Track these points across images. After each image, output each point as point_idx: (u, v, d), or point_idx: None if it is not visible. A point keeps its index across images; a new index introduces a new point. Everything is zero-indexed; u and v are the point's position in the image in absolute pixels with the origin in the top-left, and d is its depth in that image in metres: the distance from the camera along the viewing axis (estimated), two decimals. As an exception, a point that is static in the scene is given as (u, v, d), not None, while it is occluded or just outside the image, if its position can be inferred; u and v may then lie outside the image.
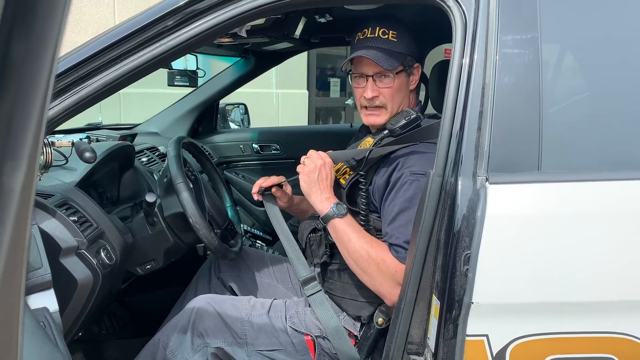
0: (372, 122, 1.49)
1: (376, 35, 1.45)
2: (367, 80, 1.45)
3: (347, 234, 1.34)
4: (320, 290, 1.45)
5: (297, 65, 6.55)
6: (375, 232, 1.40)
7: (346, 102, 7.52)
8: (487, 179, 1.03)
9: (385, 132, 1.43)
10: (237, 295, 1.70)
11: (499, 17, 1.12)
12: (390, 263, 1.29)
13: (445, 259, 1.07)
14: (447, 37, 1.20)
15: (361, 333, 1.45)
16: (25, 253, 0.25)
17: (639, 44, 1.18)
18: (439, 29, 1.37)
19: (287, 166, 2.89)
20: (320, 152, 1.43)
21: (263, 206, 2.82)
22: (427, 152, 1.35)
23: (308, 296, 1.45)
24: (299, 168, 1.44)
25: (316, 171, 1.39)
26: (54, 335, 0.90)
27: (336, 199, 1.39)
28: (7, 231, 0.24)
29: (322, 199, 1.38)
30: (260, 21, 1.69)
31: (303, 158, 1.45)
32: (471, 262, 1.01)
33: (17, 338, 0.26)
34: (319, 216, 1.39)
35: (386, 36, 1.44)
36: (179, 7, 1.22)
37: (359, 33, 1.48)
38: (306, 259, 1.65)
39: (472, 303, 1.01)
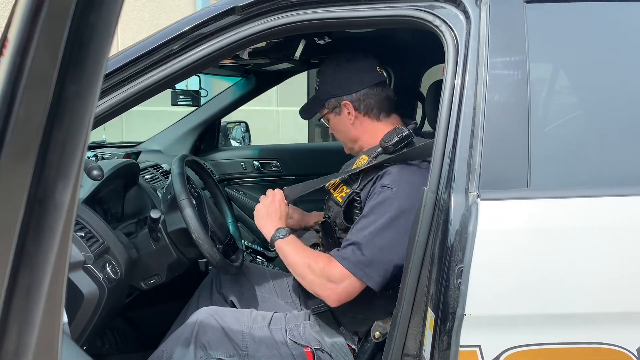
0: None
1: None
2: None
3: (287, 250, 1.47)
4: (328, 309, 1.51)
5: (298, 83, 6.63)
6: None
7: (345, 120, 7.54)
8: (478, 196, 1.07)
9: (379, 149, 1.48)
10: (238, 309, 1.73)
11: (489, 40, 1.17)
12: (320, 259, 1.40)
13: (440, 273, 1.11)
14: (440, 59, 1.26)
15: (359, 347, 1.48)
16: (68, 256, 0.30)
17: (623, 64, 1.23)
18: (436, 49, 1.42)
19: (287, 183, 2.93)
20: (275, 190, 1.61)
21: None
22: (405, 168, 1.42)
23: (314, 309, 1.51)
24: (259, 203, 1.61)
25: (263, 209, 1.57)
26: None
27: (281, 226, 1.53)
28: (57, 239, 0.28)
29: (267, 230, 1.52)
30: (262, 44, 1.75)
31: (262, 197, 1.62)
32: (464, 275, 1.05)
33: (59, 331, 0.31)
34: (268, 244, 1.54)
35: (315, 85, 1.66)
36: (184, 31, 1.28)
37: None
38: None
39: (465, 315, 1.05)
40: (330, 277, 1.37)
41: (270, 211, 1.56)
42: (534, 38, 1.17)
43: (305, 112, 1.67)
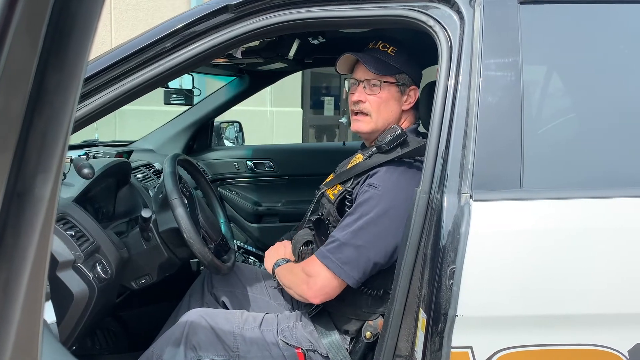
0: (356, 128, 1.55)
1: (376, 47, 1.54)
2: (358, 86, 1.53)
3: (281, 272, 1.55)
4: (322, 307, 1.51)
5: (292, 83, 6.62)
6: None
7: (340, 120, 7.59)
8: (471, 196, 1.07)
9: (374, 149, 1.48)
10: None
11: (483, 41, 1.17)
12: (299, 263, 1.45)
13: (432, 274, 1.10)
14: (435, 59, 1.25)
15: (351, 346, 1.48)
16: (49, 252, 0.29)
17: (617, 66, 1.24)
18: (430, 51, 1.42)
19: (280, 183, 2.93)
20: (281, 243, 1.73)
21: (256, 223, 2.87)
22: (395, 168, 1.41)
23: (310, 312, 1.52)
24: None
25: (272, 250, 1.70)
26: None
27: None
28: (36, 233, 0.28)
29: (270, 264, 1.62)
30: (255, 43, 1.74)
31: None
32: (456, 276, 1.05)
33: (39, 329, 0.30)
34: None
35: (385, 49, 1.53)
36: (177, 29, 1.27)
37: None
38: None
39: (457, 316, 1.05)
40: (307, 272, 1.41)
41: (277, 251, 1.68)
42: (528, 39, 1.17)
43: (375, 65, 1.48)
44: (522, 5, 1.19)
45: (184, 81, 2.55)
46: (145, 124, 3.29)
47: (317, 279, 1.38)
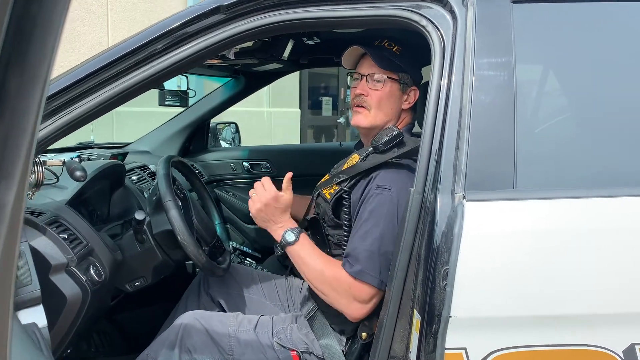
0: (356, 121, 1.56)
1: (382, 44, 1.57)
2: (361, 80, 1.55)
3: (301, 257, 1.43)
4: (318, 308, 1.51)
5: (290, 84, 6.62)
6: None
7: (338, 121, 7.60)
8: (464, 197, 1.06)
9: (370, 149, 1.47)
10: (225, 311, 1.71)
11: (475, 41, 1.16)
12: (344, 280, 1.35)
13: (426, 274, 1.10)
14: (428, 60, 1.25)
15: (347, 347, 1.47)
16: (15, 264, 0.28)
17: (610, 64, 1.23)
18: (425, 51, 1.42)
19: (278, 184, 2.92)
20: (267, 184, 1.49)
21: (253, 224, 2.86)
22: (399, 168, 1.41)
23: (306, 315, 1.51)
24: (250, 202, 1.49)
25: (262, 210, 1.46)
26: (42, 350, 0.92)
27: (290, 224, 1.46)
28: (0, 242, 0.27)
29: (275, 229, 1.47)
30: (249, 43, 1.73)
31: (251, 192, 1.50)
32: (449, 277, 1.04)
33: (7, 347, 0.29)
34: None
35: (391, 48, 1.55)
36: (169, 30, 1.26)
37: None
38: (294, 275, 1.69)
39: (451, 317, 1.04)
40: (356, 297, 1.35)
41: (270, 212, 1.46)
42: (521, 38, 1.16)
43: (381, 60, 1.51)
44: (515, 4, 1.18)
45: (182, 83, 2.54)
46: (144, 125, 3.28)
47: (369, 304, 1.35)
